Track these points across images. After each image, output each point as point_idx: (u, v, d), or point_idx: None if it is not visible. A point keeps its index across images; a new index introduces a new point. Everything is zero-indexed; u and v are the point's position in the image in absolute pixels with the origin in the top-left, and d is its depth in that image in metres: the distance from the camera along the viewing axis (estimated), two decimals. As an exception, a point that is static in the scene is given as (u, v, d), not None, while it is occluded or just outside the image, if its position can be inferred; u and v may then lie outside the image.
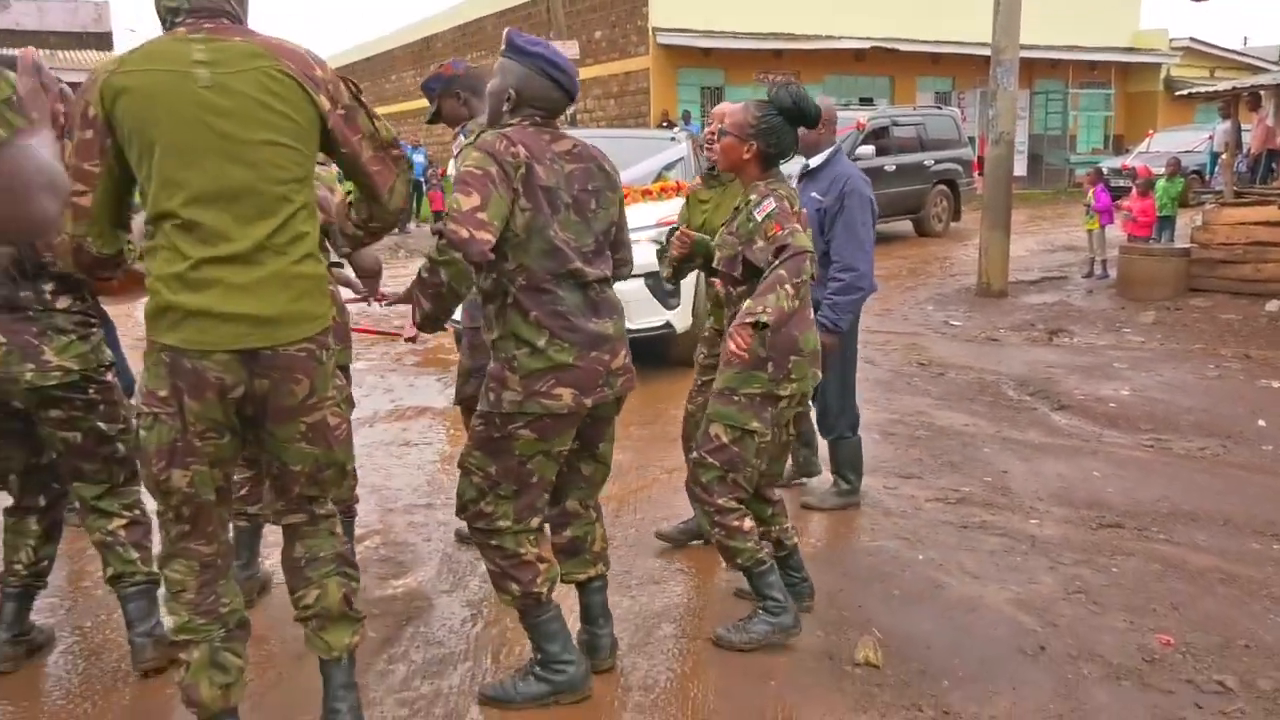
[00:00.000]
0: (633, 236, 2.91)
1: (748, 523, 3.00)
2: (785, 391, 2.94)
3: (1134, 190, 11.01)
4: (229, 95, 2.03)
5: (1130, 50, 23.01)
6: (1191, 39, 23.69)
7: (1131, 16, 24.02)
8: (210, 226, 2.05)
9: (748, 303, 2.75)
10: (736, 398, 2.92)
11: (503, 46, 2.64)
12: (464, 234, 2.26)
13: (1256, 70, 18.91)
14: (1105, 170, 12.10)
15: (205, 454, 2.15)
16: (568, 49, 15.56)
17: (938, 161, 13.98)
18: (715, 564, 3.62)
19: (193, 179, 2.04)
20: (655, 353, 6.67)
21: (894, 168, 13.13)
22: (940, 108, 16.23)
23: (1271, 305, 8.77)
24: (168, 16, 2.11)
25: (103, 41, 21.32)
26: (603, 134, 8.30)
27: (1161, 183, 10.95)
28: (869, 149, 12.56)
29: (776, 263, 2.78)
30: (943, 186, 14.16)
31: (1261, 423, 5.88)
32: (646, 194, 7.08)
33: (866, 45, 18.67)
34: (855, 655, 2.99)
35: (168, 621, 2.46)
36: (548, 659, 2.68)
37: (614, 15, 19.30)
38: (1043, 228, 15.12)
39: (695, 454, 3.04)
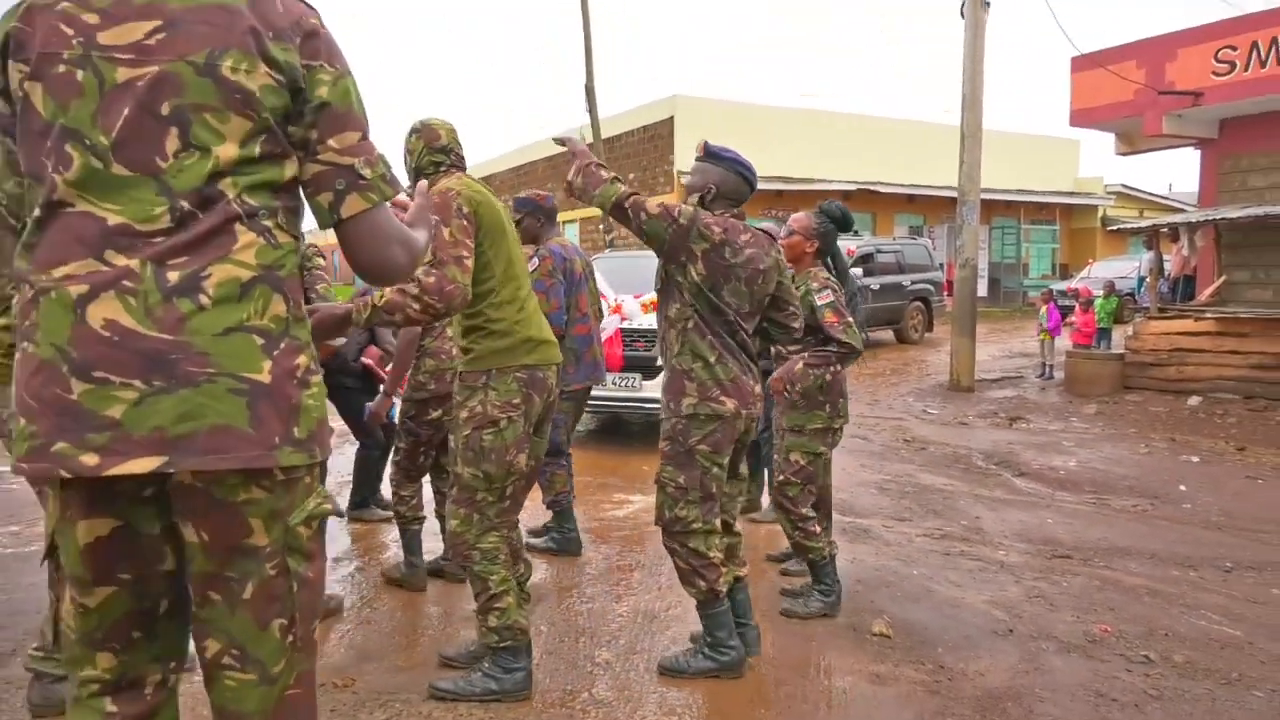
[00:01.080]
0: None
1: (818, 528, 3.60)
2: (837, 425, 3.60)
3: (1078, 307, 11.68)
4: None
5: (1072, 194, 23.98)
6: (1123, 185, 24.68)
7: (1072, 166, 25.10)
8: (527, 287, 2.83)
9: (799, 367, 3.38)
10: (805, 432, 3.55)
11: (699, 154, 3.00)
12: None
13: (1177, 210, 19.79)
14: (1054, 293, 12.78)
15: (533, 444, 2.83)
16: (608, 187, 16.49)
17: (914, 282, 14.65)
18: (760, 570, 4.17)
19: (516, 261, 2.79)
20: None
21: (878, 286, 13.85)
22: (915, 239, 17.06)
23: (1192, 400, 9.26)
24: (438, 160, 2.83)
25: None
26: (635, 254, 9.03)
27: (1099, 301, 11.60)
28: (858, 270, 13.31)
29: (830, 350, 3.39)
30: (918, 303, 14.83)
31: (1182, 487, 6.40)
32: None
33: (853, 187, 19.57)
34: (872, 629, 3.50)
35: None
36: (717, 643, 2.95)
37: (645, 160, 20.39)
38: (1001, 338, 15.72)
39: (781, 476, 3.58)
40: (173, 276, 1.28)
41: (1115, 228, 12.04)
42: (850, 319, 3.43)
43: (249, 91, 1.32)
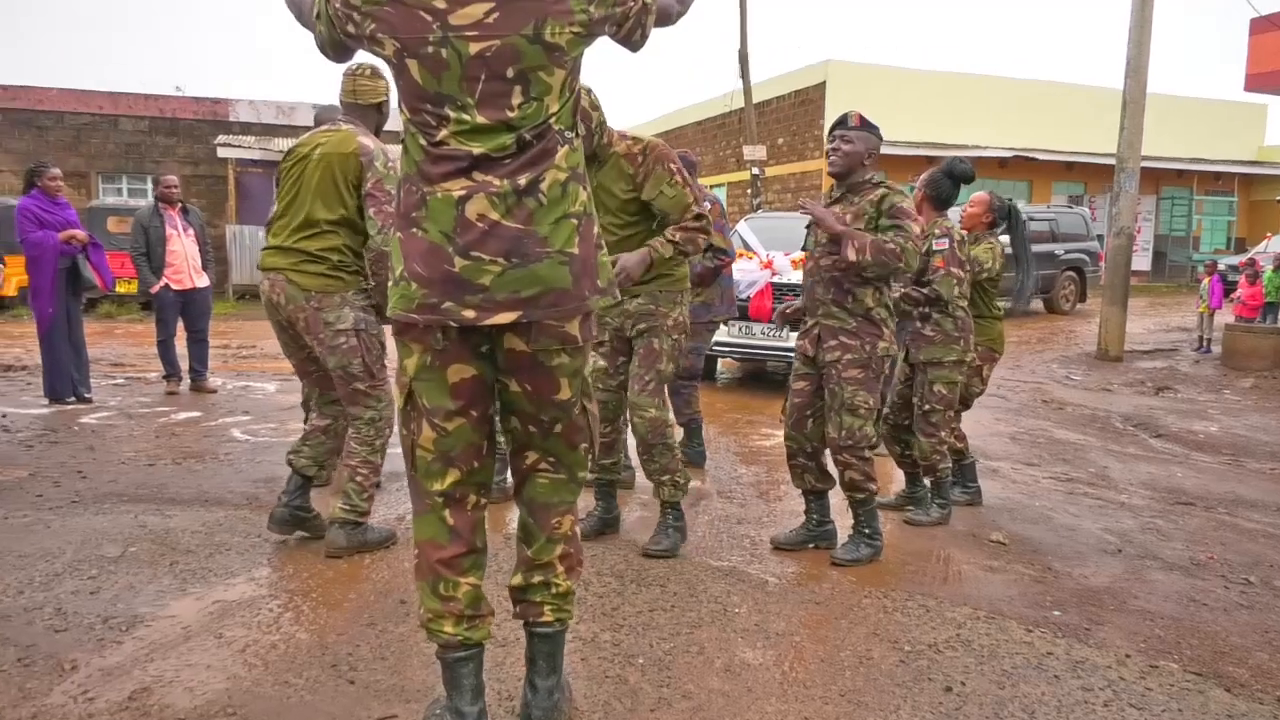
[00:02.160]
0: None
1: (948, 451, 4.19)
2: (968, 359, 4.14)
3: (1243, 279, 11.37)
4: None
5: (1254, 164, 22.55)
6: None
7: (1257, 134, 23.55)
8: None
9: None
10: (944, 365, 4.09)
11: (855, 124, 3.49)
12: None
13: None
14: (1219, 265, 12.41)
15: None
16: (757, 151, 16.93)
17: (1067, 251, 14.48)
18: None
19: None
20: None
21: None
22: (1071, 207, 16.69)
23: (1358, 378, 9.06)
24: None
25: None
26: (783, 216, 9.58)
27: (1269, 273, 11.26)
28: (1005, 238, 13.29)
29: (925, 291, 3.95)
30: (1071, 272, 14.62)
31: (1327, 454, 6.48)
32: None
33: (1009, 154, 19.21)
34: (990, 536, 4.04)
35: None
36: (875, 533, 3.58)
37: (795, 125, 20.62)
38: (1161, 313, 15.26)
39: (926, 405, 4.11)
40: (520, 184, 1.79)
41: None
42: (959, 273, 3.96)
43: (562, 47, 1.78)
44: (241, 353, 9.82)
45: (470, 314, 1.79)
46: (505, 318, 1.79)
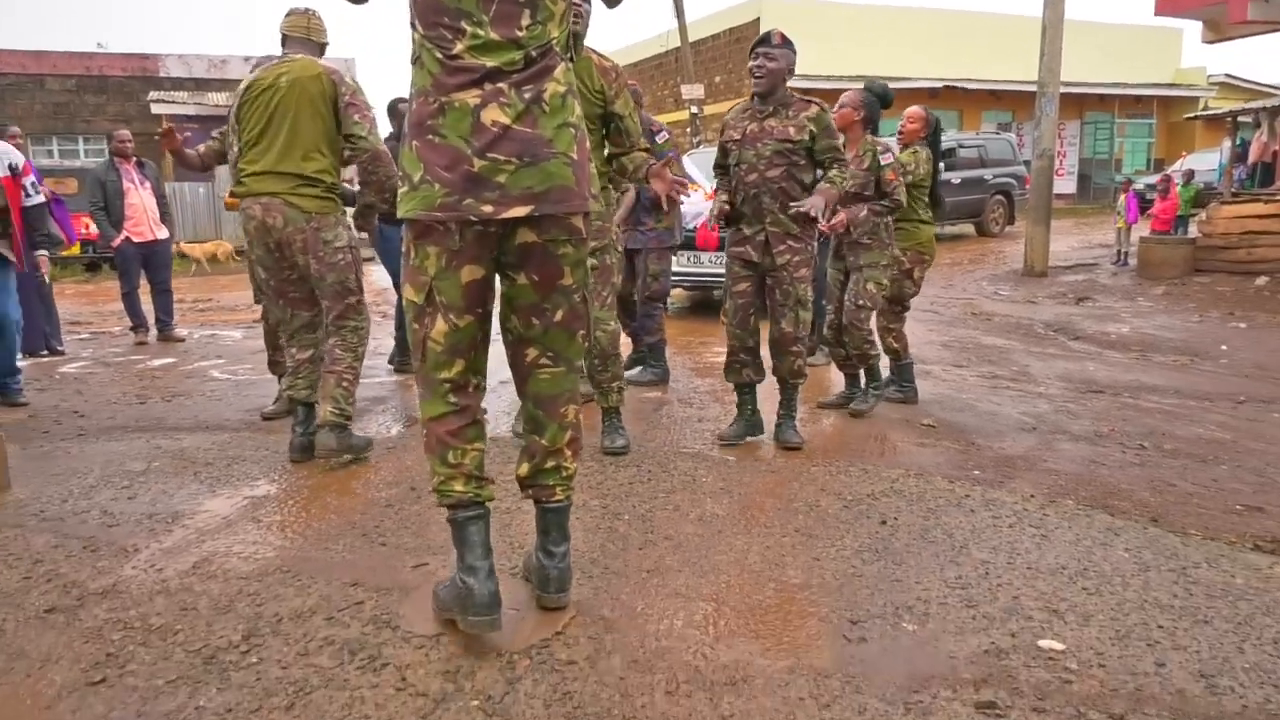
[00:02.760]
0: None
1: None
2: (896, 259, 4.63)
3: (1156, 195, 12.12)
4: None
5: (1171, 86, 23.48)
6: (1227, 75, 23.98)
7: (1174, 57, 24.44)
8: None
9: (864, 213, 4.36)
10: (876, 267, 4.54)
11: (778, 42, 3.77)
12: None
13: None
14: (1133, 182, 13.15)
15: None
16: (695, 90, 17.19)
17: (995, 176, 15.13)
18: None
19: None
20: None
21: (959, 180, 14.39)
22: (999, 134, 17.35)
23: (1260, 280, 9.78)
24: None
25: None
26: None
27: (1179, 188, 12.00)
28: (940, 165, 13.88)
29: (887, 202, 4.40)
30: (999, 196, 15.30)
31: (1224, 346, 7.15)
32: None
33: (939, 85, 19.71)
34: (921, 421, 4.58)
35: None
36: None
37: (730, 64, 20.86)
38: (1085, 232, 16.08)
39: (860, 302, 4.49)
40: (527, 94, 2.02)
41: (1190, 115, 12.26)
42: (902, 182, 4.42)
43: None
44: (198, 306, 9.96)
45: (488, 209, 1.99)
46: (520, 211, 2.00)
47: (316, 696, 1.96)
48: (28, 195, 4.49)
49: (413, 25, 2.07)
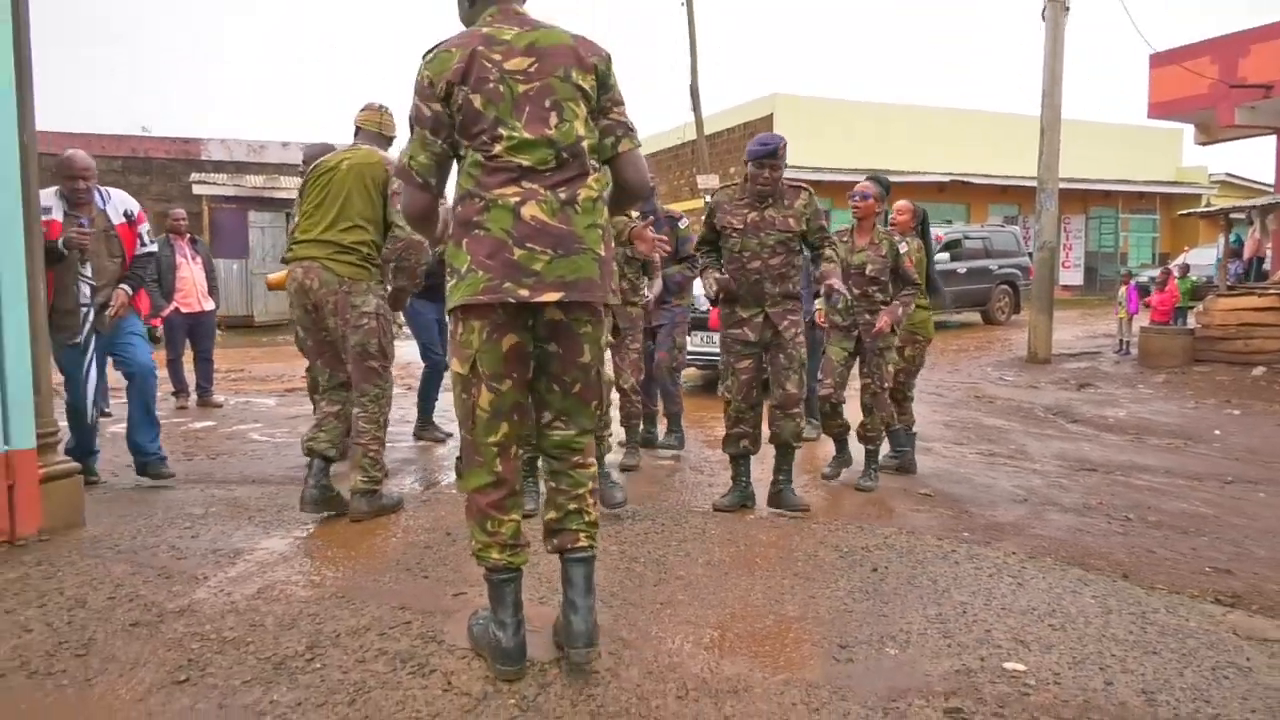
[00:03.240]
0: None
1: None
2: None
3: (1154, 287, 12.55)
4: None
5: (1173, 183, 24.20)
6: (1228, 174, 24.76)
7: (1176, 156, 25.25)
8: None
9: (902, 311, 4.72)
10: (891, 347, 4.89)
11: (782, 154, 4.05)
12: None
13: None
14: (1144, 277, 13.63)
15: None
16: (710, 180, 17.93)
17: (1001, 266, 15.64)
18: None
19: None
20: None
21: (965, 270, 14.90)
22: (1003, 226, 17.94)
23: (1256, 370, 10.12)
24: None
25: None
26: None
27: (1176, 280, 12.43)
28: (945, 255, 14.42)
29: (906, 291, 4.79)
30: (1005, 286, 15.79)
31: (1217, 431, 7.45)
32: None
33: (947, 179, 20.45)
34: (919, 490, 4.88)
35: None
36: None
37: (744, 155, 21.76)
38: (1089, 321, 16.47)
39: (886, 383, 4.86)
40: (562, 195, 2.30)
41: (1185, 212, 12.77)
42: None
43: (584, 88, 2.36)
44: (231, 375, 10.40)
45: (525, 292, 2.25)
46: (552, 296, 2.27)
47: (374, 695, 2.27)
48: (142, 244, 4.66)
49: (459, 137, 2.36)
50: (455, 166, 2.46)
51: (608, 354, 3.20)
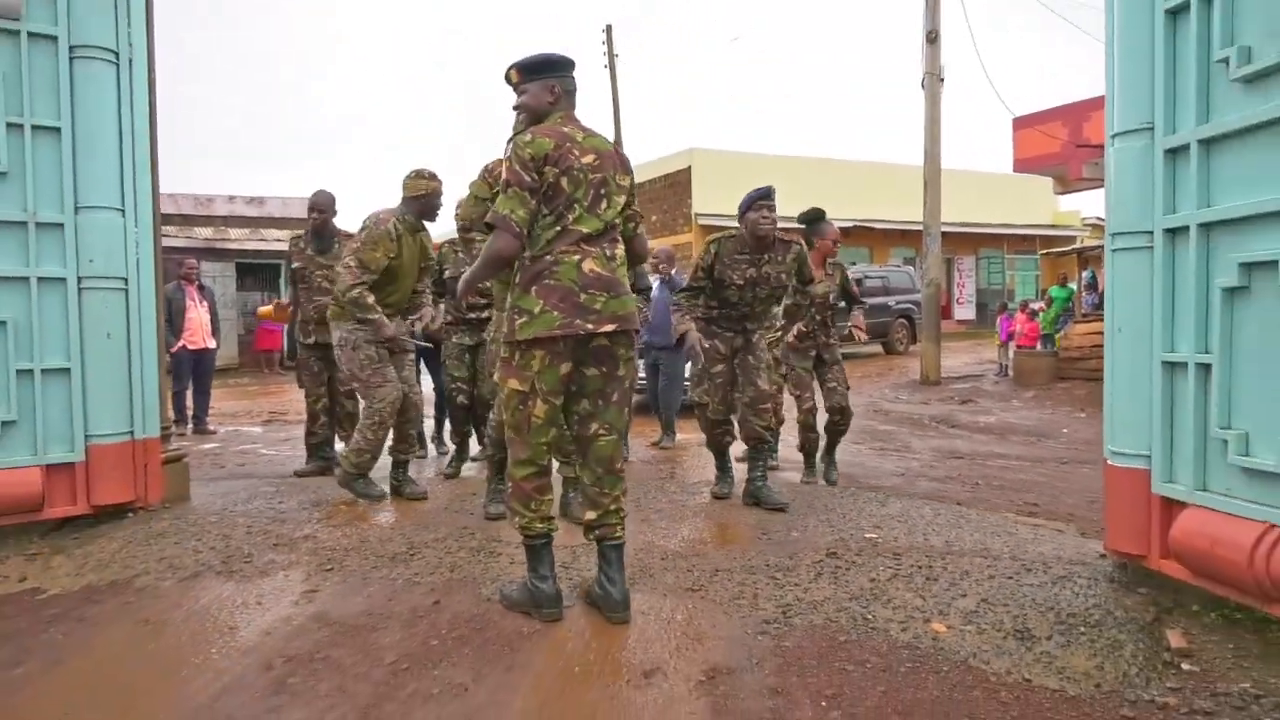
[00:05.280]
0: None
1: None
2: None
3: (1022, 317, 14.50)
4: None
5: (1051, 226, 26.86)
6: (1098, 217, 27.55)
7: (1052, 202, 28.00)
8: None
9: (856, 316, 6.04)
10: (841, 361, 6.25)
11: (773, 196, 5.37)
12: None
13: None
14: (1007, 307, 15.58)
15: None
16: (636, 228, 19.48)
17: (898, 302, 17.57)
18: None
19: None
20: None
21: (868, 305, 16.69)
22: (899, 266, 19.95)
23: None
24: None
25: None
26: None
27: (1042, 314, 14.39)
28: (849, 293, 16.15)
29: (856, 308, 6.09)
30: (902, 319, 17.71)
31: (1065, 430, 9.13)
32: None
33: (851, 224, 22.43)
34: (830, 476, 6.31)
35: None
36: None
37: (666, 204, 23.39)
38: (978, 350, 18.45)
39: (846, 387, 6.11)
40: (609, 252, 2.96)
41: (1045, 252, 14.78)
42: None
43: (624, 185, 3.06)
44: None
45: (590, 325, 2.88)
46: (609, 327, 2.92)
47: (466, 566, 3.52)
48: None
49: (541, 207, 2.93)
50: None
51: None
